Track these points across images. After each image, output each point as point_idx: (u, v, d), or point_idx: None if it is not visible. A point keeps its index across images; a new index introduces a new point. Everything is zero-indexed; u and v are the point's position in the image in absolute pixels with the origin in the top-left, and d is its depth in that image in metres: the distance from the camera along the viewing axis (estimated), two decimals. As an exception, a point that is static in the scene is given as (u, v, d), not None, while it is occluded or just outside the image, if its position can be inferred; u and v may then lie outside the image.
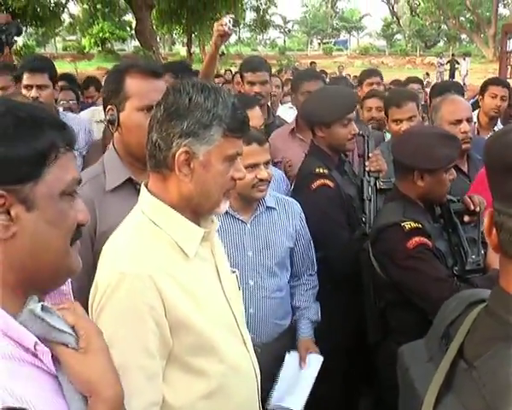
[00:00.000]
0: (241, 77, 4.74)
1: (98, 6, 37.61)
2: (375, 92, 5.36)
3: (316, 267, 3.41)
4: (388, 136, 4.72)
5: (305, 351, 3.19)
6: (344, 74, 18.86)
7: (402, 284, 2.80)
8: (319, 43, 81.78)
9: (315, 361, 3.12)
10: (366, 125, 4.76)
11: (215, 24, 4.17)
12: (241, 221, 3.11)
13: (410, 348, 1.49)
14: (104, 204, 2.47)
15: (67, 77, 7.22)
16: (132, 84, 2.48)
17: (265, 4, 47.57)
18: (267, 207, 3.16)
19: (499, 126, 5.17)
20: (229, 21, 4.08)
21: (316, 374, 3.06)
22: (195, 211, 1.86)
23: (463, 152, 3.75)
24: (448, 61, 34.31)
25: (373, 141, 3.93)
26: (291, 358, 3.14)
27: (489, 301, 1.27)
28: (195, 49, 44.34)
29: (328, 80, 8.19)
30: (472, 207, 2.93)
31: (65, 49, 57.66)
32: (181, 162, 1.76)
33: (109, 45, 43.02)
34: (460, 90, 4.58)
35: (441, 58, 36.36)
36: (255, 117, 3.48)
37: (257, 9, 48.15)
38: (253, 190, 3.00)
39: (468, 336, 1.25)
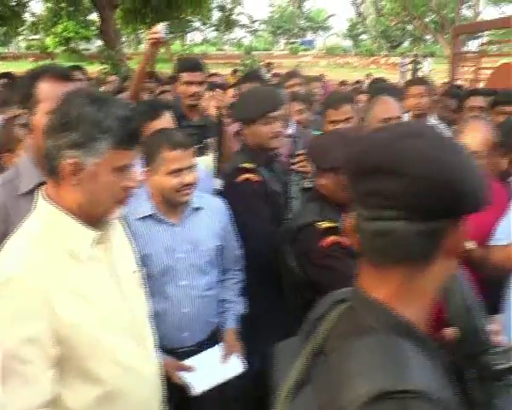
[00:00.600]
0: (178, 77, 4.75)
1: (62, 4, 37.34)
2: (295, 95, 5.36)
3: (242, 262, 3.47)
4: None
5: (229, 343, 3.24)
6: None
7: (318, 283, 2.86)
8: (285, 43, 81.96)
9: (236, 365, 3.17)
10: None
11: (148, 32, 4.25)
12: (170, 224, 3.14)
13: (284, 344, 1.54)
14: (16, 208, 2.51)
15: (7, 76, 7.20)
16: (43, 88, 2.51)
17: (231, 4, 47.78)
18: (194, 208, 3.20)
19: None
20: (163, 29, 4.11)
21: (230, 376, 3.10)
22: (88, 216, 1.91)
23: None
24: (411, 62, 34.65)
25: (301, 141, 3.99)
26: (215, 349, 3.20)
27: (351, 299, 1.33)
28: (160, 49, 44.17)
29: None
30: None
31: (28, 48, 57.08)
32: (67, 173, 1.81)
33: (73, 45, 42.72)
34: (396, 93, 4.64)
35: (404, 58, 36.65)
36: (164, 125, 3.54)
37: (223, 9, 48.26)
38: (177, 195, 3.04)
39: (329, 332, 1.31)
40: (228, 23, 50.58)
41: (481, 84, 8.82)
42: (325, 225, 2.87)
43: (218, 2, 46.54)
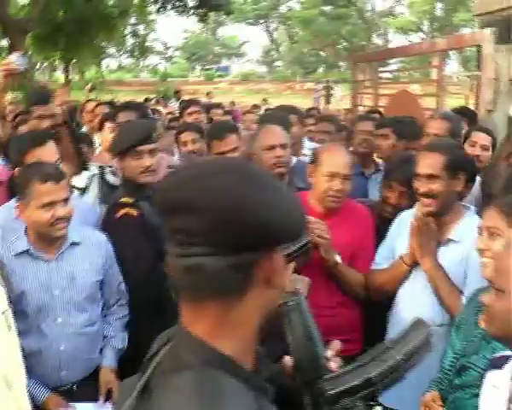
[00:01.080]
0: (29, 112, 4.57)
1: (-29, 31, 36.36)
2: (189, 126, 5.46)
3: (126, 296, 3.44)
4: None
5: (104, 381, 3.20)
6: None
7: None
8: (201, 70, 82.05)
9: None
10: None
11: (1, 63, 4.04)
12: (45, 260, 3.09)
13: (127, 382, 1.46)
14: None
15: None
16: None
17: (144, 30, 47.56)
18: (71, 243, 3.16)
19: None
20: (18, 59, 4.01)
21: None
22: None
23: (277, 176, 3.96)
24: (324, 88, 35.40)
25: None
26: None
27: (174, 336, 1.33)
28: (75, 76, 43.52)
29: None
30: None
31: None
32: None
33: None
34: (284, 121, 4.76)
35: (317, 84, 37.47)
36: (47, 154, 3.51)
37: (136, 35, 47.98)
38: (51, 229, 3.01)
39: (155, 370, 1.30)
40: (142, 49, 50.20)
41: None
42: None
43: (131, 29, 46.16)
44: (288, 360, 1.54)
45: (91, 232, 3.35)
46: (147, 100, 17.47)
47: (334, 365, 1.47)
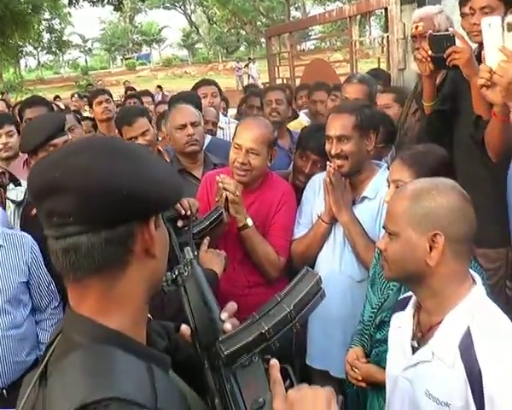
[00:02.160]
0: None
1: None
2: None
3: (58, 298, 3.40)
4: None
5: None
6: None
7: None
8: (122, 59, 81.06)
9: None
10: None
11: None
12: None
13: (28, 376, 1.39)
14: None
15: None
16: None
17: (60, 24, 46.65)
18: None
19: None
20: None
21: None
22: None
23: (190, 154, 4.05)
24: (245, 65, 35.52)
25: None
26: None
27: (64, 322, 1.33)
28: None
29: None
30: (183, 212, 2.91)
31: None
32: None
33: None
34: (192, 99, 4.78)
35: (238, 63, 37.62)
36: None
37: (52, 30, 47.03)
38: None
39: (50, 358, 1.28)
40: (59, 44, 49.34)
41: (297, 81, 9.25)
42: None
43: (46, 24, 45.20)
44: (184, 328, 1.55)
45: (15, 234, 3.30)
46: (73, 96, 17.17)
47: (229, 326, 1.47)
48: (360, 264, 3.33)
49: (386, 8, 6.66)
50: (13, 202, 4.12)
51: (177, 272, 1.63)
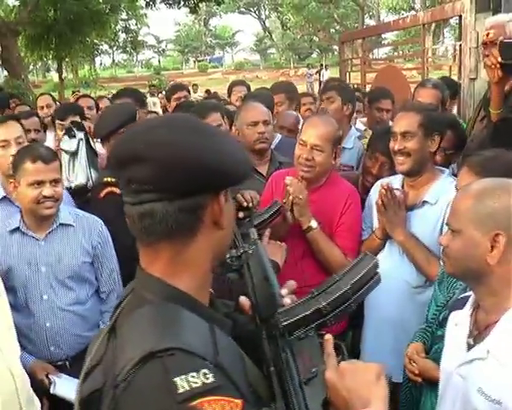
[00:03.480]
0: None
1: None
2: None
3: (121, 288, 3.43)
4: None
5: None
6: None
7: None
8: (194, 61, 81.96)
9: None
10: None
11: None
12: (34, 238, 3.22)
13: (96, 334, 1.54)
14: None
15: None
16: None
17: (136, 25, 47.56)
18: (61, 224, 3.27)
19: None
20: None
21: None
22: None
23: (259, 151, 4.11)
24: (317, 72, 35.47)
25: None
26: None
27: (135, 281, 1.45)
28: (68, 75, 43.58)
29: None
30: (245, 204, 3.01)
31: None
32: None
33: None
34: (267, 100, 4.93)
35: (309, 69, 37.58)
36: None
37: (128, 31, 47.98)
38: (38, 207, 3.14)
39: (120, 313, 1.40)
40: (134, 44, 50.37)
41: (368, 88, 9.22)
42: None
43: (122, 24, 46.20)
44: (243, 299, 1.64)
45: (86, 217, 3.43)
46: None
47: (288, 301, 1.57)
48: (416, 271, 3.34)
49: (460, 16, 6.60)
50: (66, 152, 4.35)
51: (242, 250, 1.74)
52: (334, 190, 3.58)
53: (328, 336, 1.42)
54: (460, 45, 6.64)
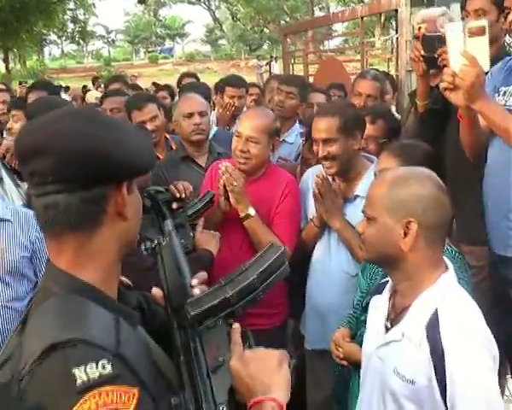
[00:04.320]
0: None
1: None
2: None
3: None
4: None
5: None
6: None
7: None
8: (144, 52, 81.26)
9: None
10: None
11: None
12: None
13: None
14: None
15: None
16: None
17: (84, 15, 46.88)
18: (0, 220, 3.23)
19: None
20: None
21: None
22: None
23: (196, 143, 4.15)
24: (267, 63, 35.53)
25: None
26: None
27: (44, 274, 1.47)
28: (16, 65, 42.82)
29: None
30: (178, 195, 2.97)
31: None
32: None
33: None
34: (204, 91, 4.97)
35: (259, 61, 37.66)
36: None
37: (76, 20, 47.27)
38: None
39: (32, 305, 1.41)
40: (83, 34, 49.71)
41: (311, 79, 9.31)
42: None
43: (70, 14, 45.48)
44: (155, 290, 1.70)
45: (24, 212, 3.38)
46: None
47: (197, 291, 1.60)
48: (354, 260, 3.39)
49: (396, 10, 6.75)
50: None
51: (156, 242, 1.80)
52: (272, 180, 3.61)
53: (236, 326, 1.48)
54: (397, 38, 6.80)
